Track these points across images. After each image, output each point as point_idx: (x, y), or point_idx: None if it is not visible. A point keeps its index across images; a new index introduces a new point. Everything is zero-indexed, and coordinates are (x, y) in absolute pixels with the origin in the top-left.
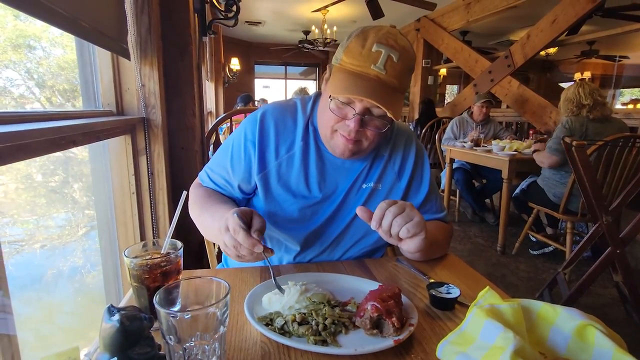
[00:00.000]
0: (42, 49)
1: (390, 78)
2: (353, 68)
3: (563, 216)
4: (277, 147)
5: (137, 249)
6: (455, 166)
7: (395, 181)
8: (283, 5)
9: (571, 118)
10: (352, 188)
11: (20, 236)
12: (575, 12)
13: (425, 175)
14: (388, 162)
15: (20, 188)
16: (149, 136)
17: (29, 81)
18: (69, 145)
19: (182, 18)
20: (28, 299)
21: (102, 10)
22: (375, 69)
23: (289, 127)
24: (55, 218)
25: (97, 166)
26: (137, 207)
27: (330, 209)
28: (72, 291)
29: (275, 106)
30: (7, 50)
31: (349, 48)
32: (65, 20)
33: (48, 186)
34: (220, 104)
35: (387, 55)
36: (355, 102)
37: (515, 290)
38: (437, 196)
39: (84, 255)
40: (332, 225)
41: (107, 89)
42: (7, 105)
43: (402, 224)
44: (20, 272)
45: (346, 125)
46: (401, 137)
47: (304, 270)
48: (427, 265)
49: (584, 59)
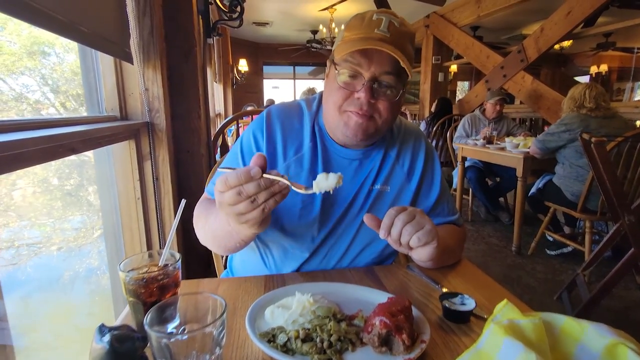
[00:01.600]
0: (55, 55)
1: (395, 39)
2: (357, 36)
3: (581, 215)
4: (285, 148)
5: (133, 262)
6: (468, 164)
7: (405, 183)
8: (290, 5)
9: (571, 114)
10: (360, 191)
11: (37, 239)
12: (591, 4)
13: (436, 176)
14: (396, 162)
15: (37, 192)
16: (153, 141)
17: (44, 87)
18: (67, 153)
19: (185, 20)
20: (46, 300)
21: (103, 15)
22: (379, 32)
23: (296, 127)
24: (71, 221)
25: (101, 172)
26: (143, 213)
27: (337, 213)
28: (88, 292)
29: (280, 107)
30: (23, 57)
31: (349, 26)
32: (63, 26)
33: (64, 189)
34: (229, 106)
35: (389, 21)
36: (362, 72)
37: (532, 293)
38: (448, 198)
39: (99, 257)
40: (339, 231)
41: (111, 94)
42: (23, 111)
43: (412, 232)
44: (38, 274)
45: (356, 100)
46: (409, 136)
47: (310, 278)
48: (440, 272)
49: (600, 52)
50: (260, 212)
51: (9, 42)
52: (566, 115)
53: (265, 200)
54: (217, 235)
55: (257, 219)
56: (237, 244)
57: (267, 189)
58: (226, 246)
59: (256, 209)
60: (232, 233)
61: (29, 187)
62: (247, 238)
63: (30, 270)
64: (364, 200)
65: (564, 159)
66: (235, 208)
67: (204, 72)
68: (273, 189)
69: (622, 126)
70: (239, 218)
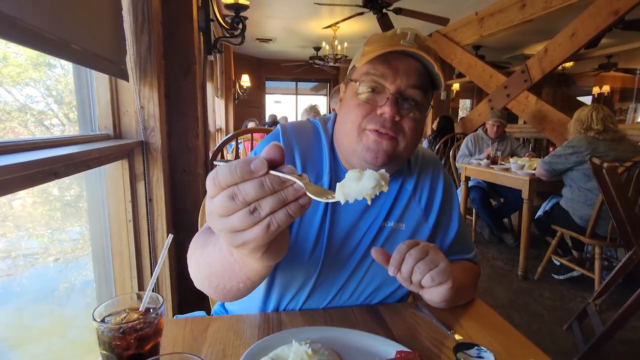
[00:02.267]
0: (61, 66)
1: (424, 53)
2: (381, 48)
3: (591, 241)
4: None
5: (109, 307)
6: (471, 184)
7: (422, 220)
8: (294, 22)
9: (579, 137)
10: (370, 228)
11: (35, 249)
12: (596, 25)
13: (454, 211)
14: (413, 196)
15: (37, 202)
16: (147, 160)
17: (48, 98)
18: (49, 178)
19: (185, 37)
20: (41, 312)
21: (98, 31)
22: (406, 43)
23: (315, 152)
24: (69, 232)
25: (92, 191)
26: (134, 235)
27: (344, 254)
28: (83, 305)
29: (294, 126)
30: (28, 68)
31: (369, 41)
32: (53, 45)
33: (64, 200)
34: (230, 121)
35: (415, 34)
36: (387, 85)
37: (540, 321)
38: (465, 234)
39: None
40: (345, 273)
41: (104, 111)
42: (26, 122)
43: (425, 270)
44: (34, 285)
45: (378, 117)
46: (427, 166)
47: (310, 318)
48: (451, 314)
49: (602, 72)
50: (263, 230)
51: (15, 53)
52: (573, 138)
53: (273, 212)
54: (215, 271)
55: (260, 241)
56: (240, 284)
57: (274, 192)
58: (225, 287)
59: (258, 225)
60: (234, 266)
61: (29, 197)
62: (253, 275)
63: (26, 282)
64: (374, 239)
65: (571, 181)
66: (228, 221)
67: (203, 89)
68: (285, 194)
69: (631, 149)
70: (233, 238)
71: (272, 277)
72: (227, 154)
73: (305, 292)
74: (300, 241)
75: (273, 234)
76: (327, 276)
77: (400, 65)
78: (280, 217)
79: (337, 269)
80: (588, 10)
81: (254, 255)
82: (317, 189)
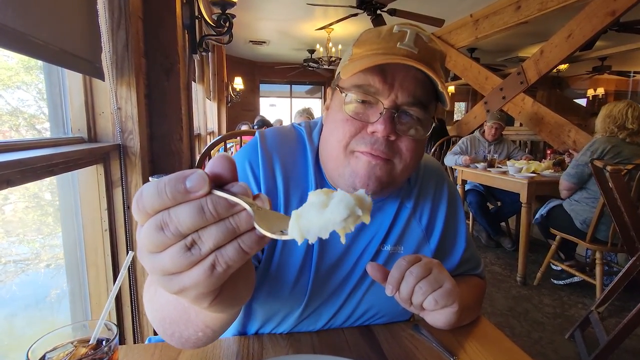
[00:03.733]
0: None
1: (426, 58)
2: (373, 51)
3: (591, 245)
4: (288, 194)
5: (52, 340)
6: (468, 188)
7: (423, 242)
8: (287, 25)
9: (602, 139)
10: (365, 252)
11: (26, 255)
12: (592, 27)
13: (460, 228)
14: (412, 215)
15: (29, 207)
16: (125, 165)
17: (40, 101)
18: (1, 186)
19: (168, 35)
20: (31, 319)
21: (70, 27)
22: (403, 47)
23: (299, 164)
24: (60, 237)
25: (64, 199)
26: (110, 246)
27: (335, 280)
28: (74, 312)
29: (276, 136)
30: (20, 72)
31: (360, 41)
32: (13, 39)
33: (55, 205)
34: (222, 123)
35: (415, 34)
36: (380, 98)
37: (541, 330)
38: (473, 249)
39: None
40: (337, 299)
41: (78, 112)
42: (18, 125)
43: (427, 291)
44: (24, 291)
45: (369, 136)
46: (429, 180)
47: (295, 342)
48: (453, 335)
49: (595, 75)
50: (206, 273)
51: (6, 57)
52: (596, 140)
53: (218, 247)
54: (168, 316)
55: (204, 287)
56: (199, 333)
57: (219, 220)
58: (182, 336)
59: (198, 265)
60: (189, 312)
61: (21, 202)
62: (213, 323)
63: (16, 288)
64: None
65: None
66: (158, 259)
67: (188, 90)
68: (234, 222)
69: None
70: (168, 282)
71: (249, 307)
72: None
73: (290, 321)
74: (283, 270)
75: (221, 276)
76: (316, 307)
77: (397, 75)
78: (230, 255)
79: (327, 298)
80: (584, 11)
81: (200, 304)
82: (273, 217)
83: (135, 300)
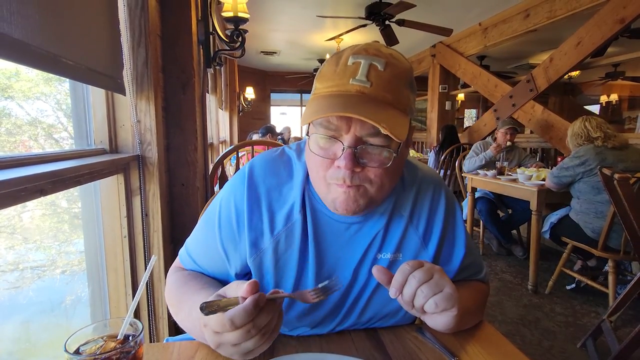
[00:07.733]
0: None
1: (379, 91)
2: (328, 90)
3: (602, 254)
4: (273, 220)
5: (83, 336)
6: (478, 195)
7: (421, 249)
8: (297, 35)
9: (583, 147)
10: (363, 262)
11: (42, 261)
12: (601, 34)
13: (458, 234)
14: (409, 223)
15: (46, 214)
16: (143, 175)
17: (58, 112)
18: (34, 196)
19: (184, 51)
20: (47, 325)
21: (95, 46)
22: (356, 83)
23: (285, 190)
24: (76, 244)
25: (86, 207)
26: (129, 252)
27: (338, 291)
28: (89, 317)
29: (263, 165)
30: (40, 83)
31: (322, 73)
32: (44, 60)
33: (71, 212)
34: (234, 133)
35: (369, 64)
36: (340, 138)
37: (552, 338)
38: (475, 254)
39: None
40: (340, 313)
41: (101, 125)
42: (37, 135)
43: (428, 294)
44: (40, 297)
45: (337, 170)
46: (426, 189)
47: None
48: (456, 338)
49: (609, 81)
50: (272, 339)
51: (27, 69)
52: (581, 148)
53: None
54: (188, 327)
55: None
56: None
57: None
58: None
59: (269, 339)
60: (204, 334)
61: (38, 210)
62: None
63: (32, 294)
64: (369, 274)
65: (579, 193)
66: (243, 347)
67: (202, 102)
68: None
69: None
70: (245, 356)
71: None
72: (231, 166)
73: (295, 333)
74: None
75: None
76: (318, 322)
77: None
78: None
79: (330, 313)
80: (593, 18)
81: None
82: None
83: (152, 304)
